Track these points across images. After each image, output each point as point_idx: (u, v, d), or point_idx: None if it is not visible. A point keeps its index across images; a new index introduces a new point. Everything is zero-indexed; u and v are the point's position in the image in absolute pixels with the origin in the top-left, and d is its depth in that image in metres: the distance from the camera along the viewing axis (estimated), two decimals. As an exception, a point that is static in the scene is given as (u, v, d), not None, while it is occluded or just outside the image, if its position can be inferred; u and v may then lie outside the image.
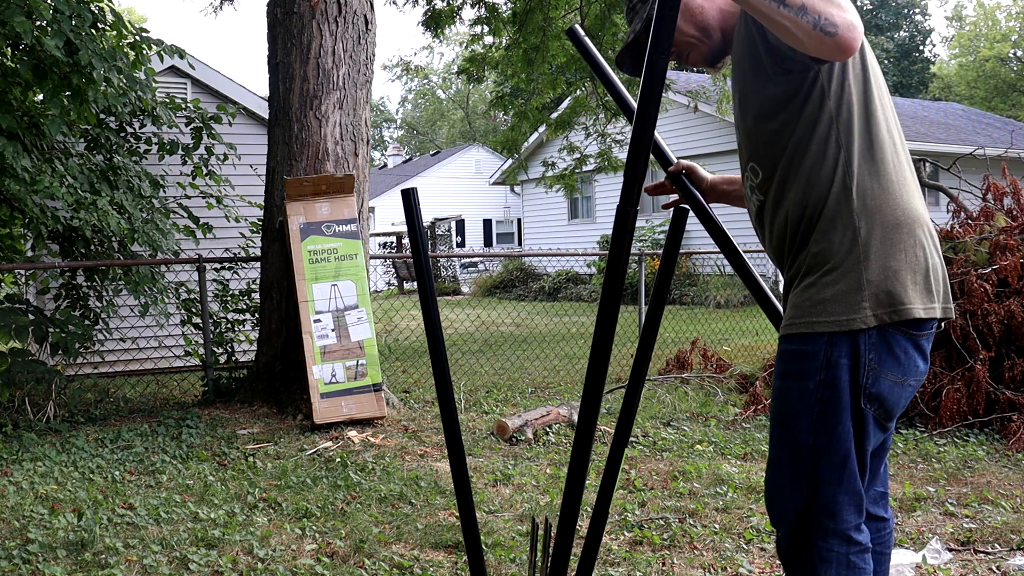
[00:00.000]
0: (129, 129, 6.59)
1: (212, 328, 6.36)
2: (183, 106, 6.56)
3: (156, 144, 6.43)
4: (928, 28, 39.38)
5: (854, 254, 1.66)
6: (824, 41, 1.47)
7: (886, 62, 35.93)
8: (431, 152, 38.79)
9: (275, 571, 2.96)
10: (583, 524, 3.39)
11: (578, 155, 11.67)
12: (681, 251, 14.89)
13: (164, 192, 6.64)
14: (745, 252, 2.19)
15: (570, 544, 2.08)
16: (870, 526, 1.83)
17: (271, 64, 5.75)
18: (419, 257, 2.09)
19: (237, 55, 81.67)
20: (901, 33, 38.49)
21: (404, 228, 23.10)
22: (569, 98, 11.63)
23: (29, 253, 6.74)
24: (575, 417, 5.02)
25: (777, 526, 1.78)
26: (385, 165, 37.41)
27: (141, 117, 6.27)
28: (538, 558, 2.32)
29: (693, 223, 2.36)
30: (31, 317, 5.46)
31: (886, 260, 1.65)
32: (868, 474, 1.78)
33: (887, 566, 1.91)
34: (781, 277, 1.87)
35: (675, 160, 2.15)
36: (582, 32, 2.19)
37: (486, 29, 9.75)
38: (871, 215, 1.66)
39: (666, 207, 2.12)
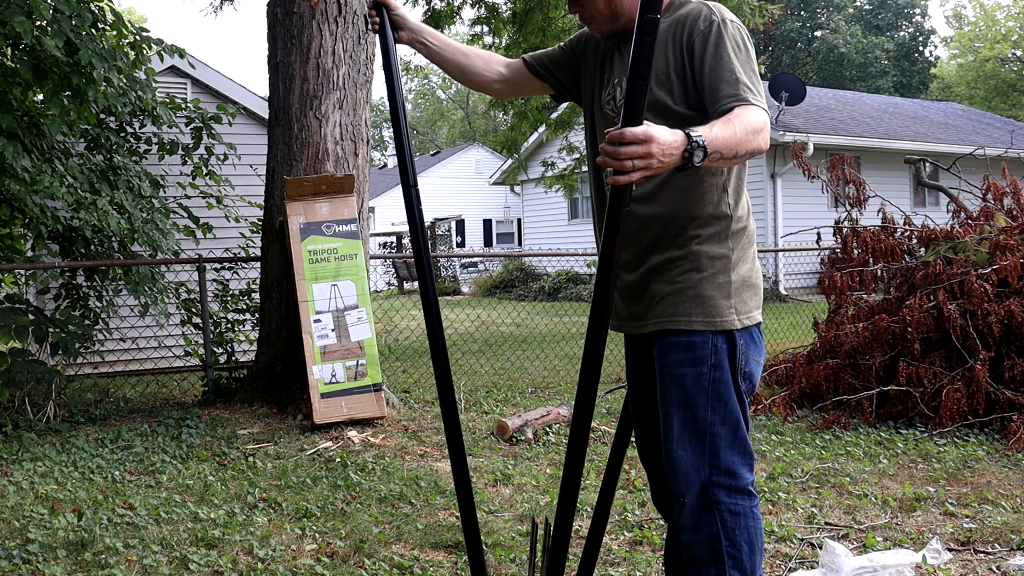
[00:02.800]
0: (129, 129, 6.59)
1: (212, 328, 6.36)
2: (183, 106, 6.56)
3: (156, 144, 6.43)
4: (929, 28, 39.38)
5: (723, 261, 2.00)
6: (753, 156, 1.87)
7: (886, 62, 35.93)
8: (431, 152, 38.79)
9: (275, 571, 2.96)
10: (584, 524, 3.39)
11: (578, 155, 11.67)
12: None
13: (164, 192, 6.64)
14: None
15: (567, 543, 2.08)
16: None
17: (271, 64, 5.75)
18: (420, 257, 2.09)
19: (237, 55, 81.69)
20: (901, 33, 38.48)
21: (404, 228, 23.09)
22: (569, 98, 11.61)
23: (29, 253, 6.74)
24: (575, 417, 5.02)
25: (684, 495, 2.00)
26: (385, 165, 37.40)
27: (141, 117, 6.27)
28: (538, 558, 2.32)
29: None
30: (31, 317, 5.46)
31: (742, 270, 2.02)
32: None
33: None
34: (781, 277, 1.98)
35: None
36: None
37: (486, 29, 9.76)
38: (738, 229, 2.03)
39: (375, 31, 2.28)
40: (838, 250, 6.26)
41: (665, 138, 1.65)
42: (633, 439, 2.23)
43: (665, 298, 2.00)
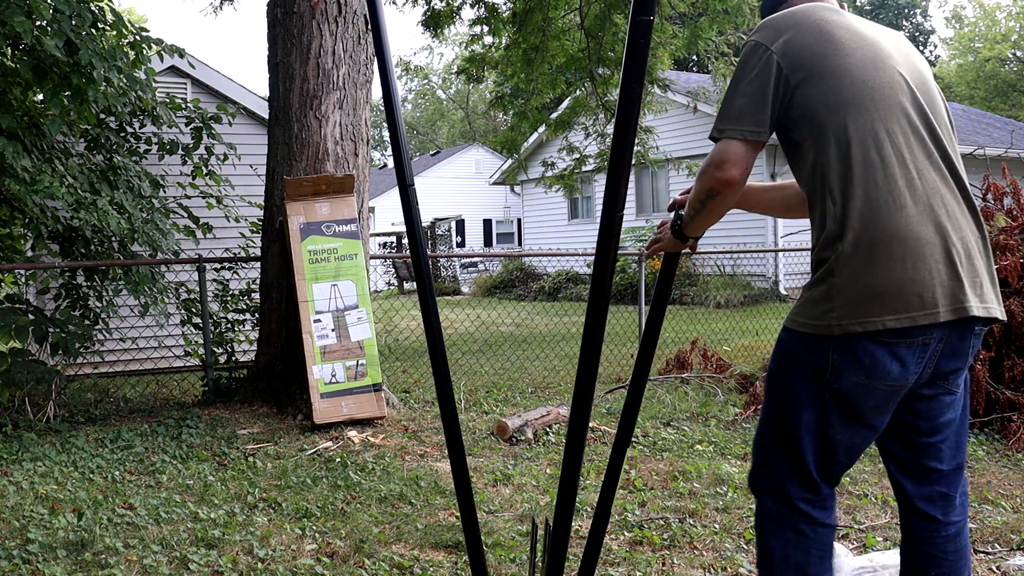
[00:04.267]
0: (129, 129, 6.58)
1: (212, 328, 6.36)
2: (183, 106, 6.56)
3: (156, 144, 6.43)
4: (929, 28, 39.39)
5: (830, 265, 1.83)
6: (714, 195, 1.93)
7: (886, 62, 35.90)
8: (431, 152, 38.79)
9: (275, 571, 2.96)
10: (584, 524, 3.39)
11: (578, 155, 11.66)
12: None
13: (164, 192, 6.64)
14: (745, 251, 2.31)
15: (566, 543, 2.08)
16: (916, 523, 2.01)
17: (271, 64, 5.75)
18: (418, 260, 2.09)
19: (237, 55, 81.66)
20: (901, 33, 38.50)
21: (404, 228, 23.06)
22: (569, 98, 11.63)
23: (29, 253, 6.74)
24: (575, 417, 5.02)
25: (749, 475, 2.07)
26: (385, 165, 37.44)
27: (141, 117, 6.27)
28: (538, 558, 2.32)
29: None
30: (31, 317, 5.46)
31: (858, 274, 1.79)
32: (841, 463, 1.94)
33: (944, 569, 2.00)
34: (781, 277, 1.98)
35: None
36: None
37: (486, 29, 9.75)
38: (854, 232, 1.80)
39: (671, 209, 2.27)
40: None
41: (666, 222, 2.13)
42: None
43: None
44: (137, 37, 5.84)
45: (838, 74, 1.84)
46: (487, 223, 29.58)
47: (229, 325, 6.63)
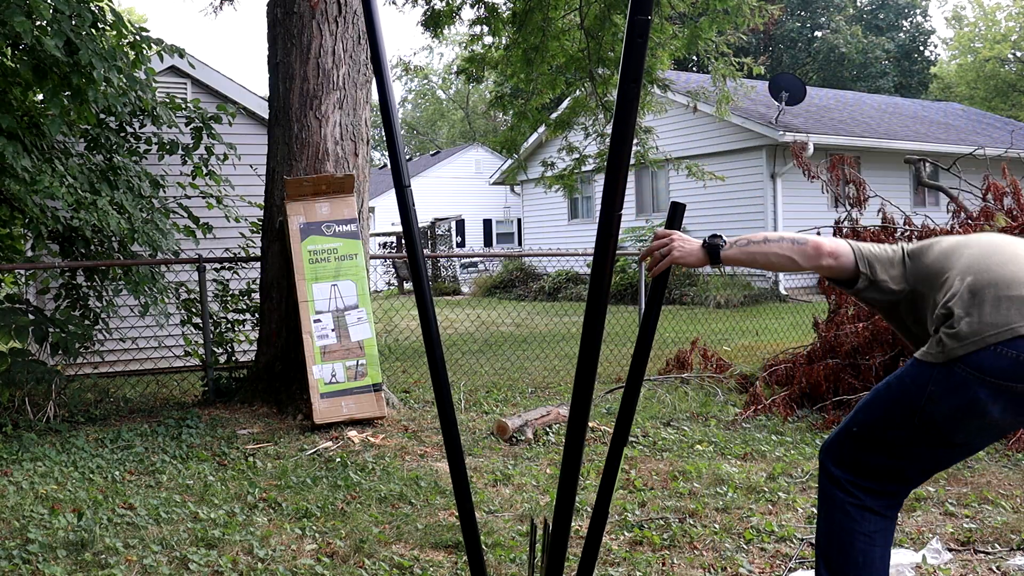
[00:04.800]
0: (129, 129, 6.58)
1: (212, 328, 6.36)
2: (183, 106, 6.56)
3: (156, 144, 6.43)
4: (929, 29, 39.37)
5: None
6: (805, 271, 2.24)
7: (886, 62, 35.92)
8: (431, 152, 38.78)
9: (275, 571, 2.96)
10: (584, 524, 3.39)
11: (577, 155, 11.66)
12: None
13: (164, 192, 6.63)
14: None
15: (566, 543, 2.08)
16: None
17: (271, 64, 5.75)
18: (416, 263, 2.09)
19: (237, 55, 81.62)
20: (901, 34, 38.47)
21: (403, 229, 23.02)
22: (568, 98, 11.62)
23: (29, 253, 6.74)
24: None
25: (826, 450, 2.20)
26: (385, 165, 37.40)
27: (141, 117, 6.26)
28: (538, 559, 2.32)
29: (691, 223, 2.39)
30: (31, 317, 5.46)
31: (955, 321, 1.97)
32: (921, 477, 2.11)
33: None
34: (781, 277, 2.02)
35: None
36: None
37: (485, 29, 9.75)
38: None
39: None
40: (838, 250, 6.25)
41: (672, 233, 2.23)
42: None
43: None
44: (137, 37, 5.84)
45: None
46: (487, 223, 29.57)
47: (229, 325, 6.63)
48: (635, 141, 10.78)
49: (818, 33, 37.06)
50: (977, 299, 1.94)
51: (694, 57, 12.36)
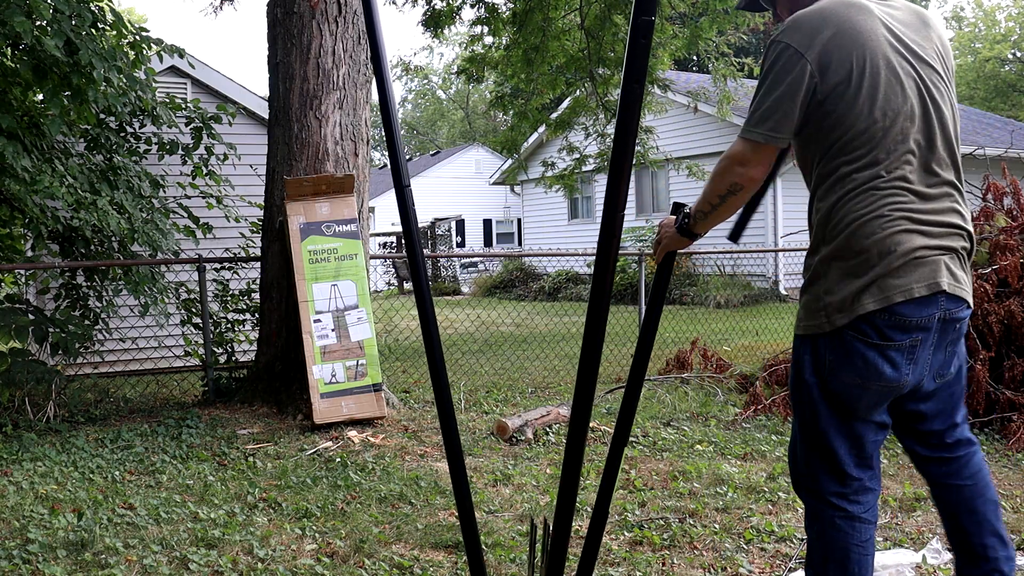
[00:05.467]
0: (129, 129, 6.58)
1: (212, 328, 6.36)
2: (183, 106, 6.56)
3: (156, 144, 6.43)
4: (928, 28, 39.29)
5: (816, 269, 2.00)
6: (736, 191, 2.03)
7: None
8: (431, 152, 38.78)
9: (275, 571, 2.97)
10: (584, 524, 3.39)
11: (578, 155, 11.67)
12: (681, 251, 14.90)
13: (164, 192, 6.63)
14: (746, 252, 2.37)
15: (566, 543, 2.08)
16: (960, 449, 2.14)
17: (271, 64, 5.75)
18: (417, 271, 2.09)
19: (237, 55, 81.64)
20: (901, 33, 38.46)
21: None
22: (569, 98, 11.62)
23: (29, 253, 6.73)
24: (575, 417, 5.02)
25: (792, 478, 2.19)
26: (385, 165, 37.40)
27: (141, 117, 6.26)
28: (537, 559, 2.32)
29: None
30: (31, 317, 5.46)
31: (836, 276, 1.95)
32: (868, 452, 2.06)
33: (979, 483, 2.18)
34: (781, 277, 2.01)
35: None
36: None
37: (486, 29, 9.75)
38: (832, 235, 1.96)
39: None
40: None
41: (665, 220, 2.23)
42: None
43: None
44: (137, 37, 5.84)
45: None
46: (487, 223, 29.57)
47: (229, 325, 6.63)
48: (635, 141, 10.77)
49: (818, 33, 37.01)
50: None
51: (694, 57, 12.35)
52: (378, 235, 24.41)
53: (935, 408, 2.09)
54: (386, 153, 41.64)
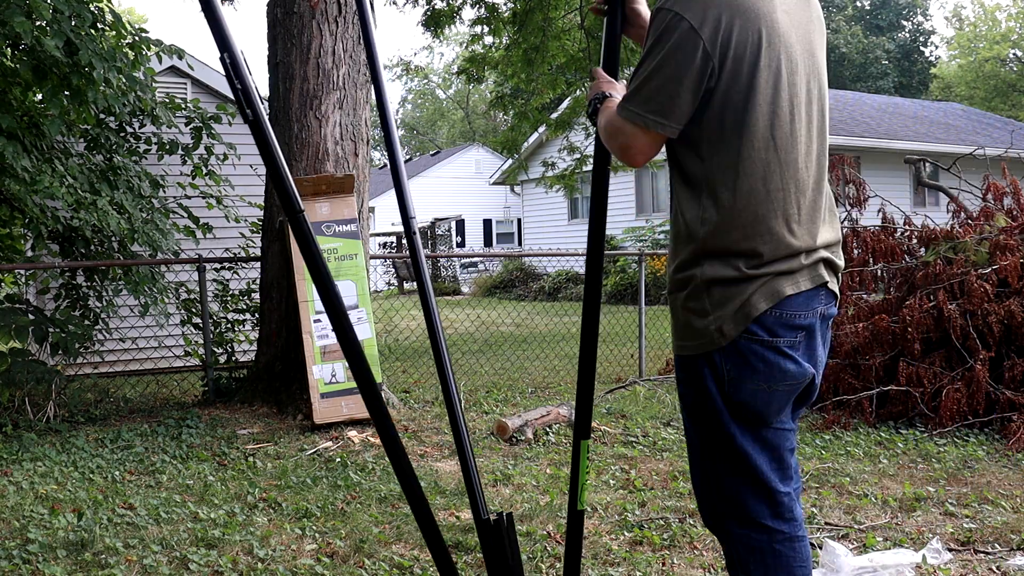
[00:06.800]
0: (129, 129, 6.58)
1: (212, 328, 6.36)
2: (183, 106, 6.56)
3: (156, 144, 6.43)
4: (929, 29, 39.37)
5: (693, 270, 1.81)
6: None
7: (886, 62, 35.94)
8: (431, 152, 38.78)
9: (275, 571, 2.96)
10: (584, 524, 3.39)
11: (578, 155, 11.67)
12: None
13: (164, 192, 6.63)
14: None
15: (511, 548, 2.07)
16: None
17: (271, 64, 5.75)
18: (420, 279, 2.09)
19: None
20: (902, 34, 38.47)
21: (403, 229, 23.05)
22: (569, 98, 11.62)
23: (29, 253, 6.73)
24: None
25: (703, 515, 1.93)
26: (385, 165, 37.40)
27: (141, 117, 6.26)
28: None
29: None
30: (31, 317, 5.46)
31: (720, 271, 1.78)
32: (787, 462, 1.87)
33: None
34: None
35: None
36: None
37: (486, 29, 9.75)
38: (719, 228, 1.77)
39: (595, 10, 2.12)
40: (838, 250, 6.25)
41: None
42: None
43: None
44: (136, 38, 5.84)
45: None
46: (487, 223, 29.56)
47: (229, 325, 6.63)
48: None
49: (818, 33, 36.99)
50: None
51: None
52: (378, 235, 24.41)
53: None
54: (386, 153, 41.60)
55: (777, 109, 1.74)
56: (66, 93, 5.29)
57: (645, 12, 2.03)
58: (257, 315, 6.28)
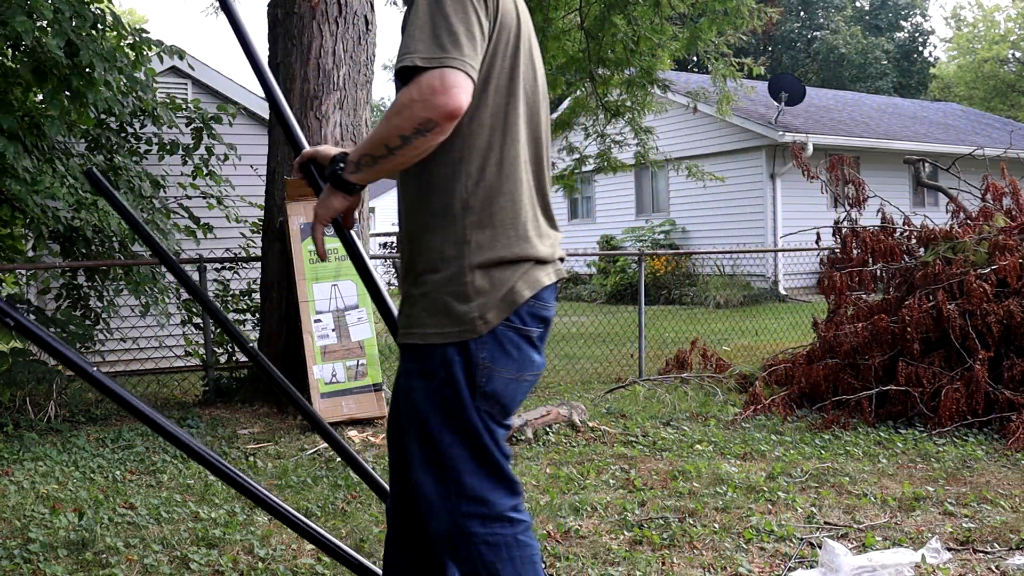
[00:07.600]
0: (129, 129, 6.59)
1: (213, 328, 6.37)
2: (183, 106, 6.57)
3: (156, 144, 6.44)
4: (928, 29, 39.39)
5: (459, 255, 1.74)
6: (430, 128, 1.60)
7: (885, 63, 35.95)
8: (431, 152, 38.68)
9: (275, 571, 2.97)
10: (585, 524, 3.40)
11: (578, 156, 11.67)
12: (681, 251, 14.91)
13: (164, 192, 6.64)
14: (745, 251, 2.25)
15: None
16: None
17: (271, 64, 5.76)
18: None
19: (237, 55, 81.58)
20: (901, 34, 38.48)
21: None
22: (569, 98, 11.63)
23: (30, 253, 6.74)
24: (575, 417, 5.03)
25: (432, 523, 1.77)
26: (385, 165, 37.30)
27: (141, 117, 6.27)
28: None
29: (692, 223, 2.37)
30: (32, 317, 5.47)
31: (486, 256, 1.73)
32: (508, 453, 1.83)
33: None
34: (781, 277, 1.92)
35: (304, 146, 2.14)
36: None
37: (486, 29, 9.74)
38: (481, 210, 1.74)
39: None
40: (837, 250, 6.27)
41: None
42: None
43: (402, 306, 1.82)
44: (137, 39, 5.85)
45: None
46: (487, 223, 29.51)
47: (229, 325, 6.62)
48: (635, 141, 10.81)
49: (817, 33, 37.09)
50: None
51: (694, 57, 12.37)
52: (378, 235, 24.39)
53: None
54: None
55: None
56: (67, 94, 5.30)
57: None
58: (257, 315, 6.29)
